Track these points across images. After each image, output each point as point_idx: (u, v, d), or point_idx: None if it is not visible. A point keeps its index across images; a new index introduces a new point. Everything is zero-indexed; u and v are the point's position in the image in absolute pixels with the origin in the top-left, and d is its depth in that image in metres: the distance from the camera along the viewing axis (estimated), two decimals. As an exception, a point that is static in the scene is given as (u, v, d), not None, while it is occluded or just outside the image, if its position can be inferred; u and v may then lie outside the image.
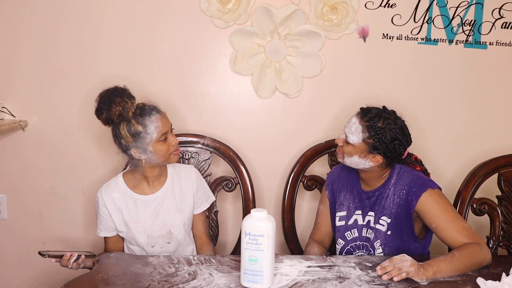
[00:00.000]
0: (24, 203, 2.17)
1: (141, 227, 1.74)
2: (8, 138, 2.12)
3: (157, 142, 1.66)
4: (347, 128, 1.69)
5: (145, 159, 1.68)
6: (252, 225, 1.37)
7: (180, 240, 1.79)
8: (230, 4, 2.05)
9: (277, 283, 1.42)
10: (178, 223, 1.78)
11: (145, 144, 1.65)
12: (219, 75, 2.15)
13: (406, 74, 2.17)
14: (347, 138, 1.68)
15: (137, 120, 1.64)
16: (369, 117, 1.66)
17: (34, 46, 2.08)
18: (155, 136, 1.65)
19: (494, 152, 2.08)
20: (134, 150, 1.67)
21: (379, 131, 1.64)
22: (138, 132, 1.64)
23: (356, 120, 1.67)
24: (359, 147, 1.65)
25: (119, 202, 1.75)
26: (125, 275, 1.47)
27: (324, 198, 1.88)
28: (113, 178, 1.81)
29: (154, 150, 1.66)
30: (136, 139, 1.65)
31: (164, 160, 1.70)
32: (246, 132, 2.18)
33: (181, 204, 1.79)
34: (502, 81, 2.19)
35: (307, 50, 2.11)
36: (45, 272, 2.20)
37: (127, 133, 1.65)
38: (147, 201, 1.76)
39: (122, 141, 1.67)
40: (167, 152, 1.69)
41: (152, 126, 1.65)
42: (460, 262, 1.48)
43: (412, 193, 1.64)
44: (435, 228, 1.60)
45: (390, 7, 2.11)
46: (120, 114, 1.62)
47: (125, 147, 1.68)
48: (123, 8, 2.08)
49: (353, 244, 1.75)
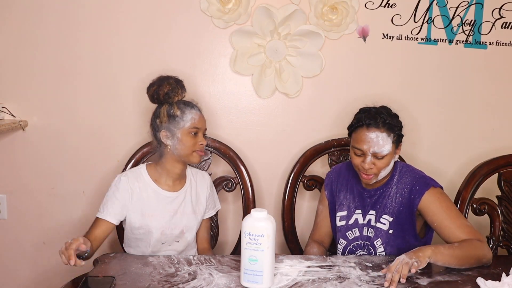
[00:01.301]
0: (24, 203, 2.16)
1: (157, 222, 1.74)
2: (8, 138, 2.12)
3: (187, 132, 1.72)
4: (373, 146, 1.61)
5: (170, 145, 1.72)
6: (252, 225, 1.37)
7: (189, 241, 1.81)
8: (230, 4, 2.05)
9: (277, 283, 1.42)
10: (192, 225, 1.80)
11: (176, 128, 1.71)
12: (219, 75, 2.15)
13: (406, 74, 2.17)
14: (379, 154, 1.62)
15: (179, 106, 1.73)
16: (381, 120, 1.63)
17: (34, 46, 2.08)
18: (187, 125, 1.71)
19: (494, 152, 2.08)
20: (163, 132, 1.72)
21: (395, 123, 1.66)
22: (175, 115, 1.71)
23: (376, 134, 1.62)
24: (392, 149, 1.65)
25: (142, 193, 1.74)
26: (125, 275, 1.47)
27: (323, 199, 1.88)
28: (135, 167, 1.83)
29: (181, 139, 1.71)
30: (170, 121, 1.71)
31: (187, 154, 1.72)
32: (246, 132, 2.18)
33: (196, 206, 1.82)
34: (502, 81, 2.19)
35: (307, 50, 2.11)
36: (45, 272, 2.19)
37: (165, 113, 1.72)
38: (169, 197, 1.77)
39: (157, 120, 1.73)
40: (192, 147, 1.72)
41: (189, 115, 1.72)
42: (459, 250, 1.50)
43: (415, 192, 1.64)
44: (437, 226, 1.61)
45: (390, 7, 2.11)
46: (167, 93, 1.71)
47: (157, 128, 1.73)
48: (123, 8, 2.08)
49: (355, 244, 1.75)
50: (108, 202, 1.72)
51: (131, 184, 1.74)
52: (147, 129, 1.80)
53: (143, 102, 2.11)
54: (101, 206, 1.73)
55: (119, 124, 2.13)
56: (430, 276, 1.47)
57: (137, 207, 1.73)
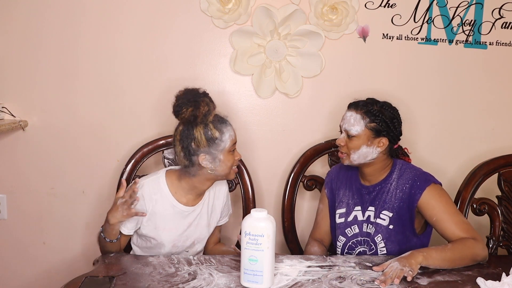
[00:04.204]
0: (24, 203, 2.16)
1: (170, 236, 1.70)
2: (8, 138, 2.12)
3: (228, 152, 1.64)
4: (345, 124, 1.70)
5: (210, 168, 1.63)
6: (252, 225, 1.37)
7: (198, 251, 1.81)
8: (230, 4, 2.05)
9: (277, 283, 1.42)
10: (204, 237, 1.79)
11: (217, 151, 1.62)
12: (219, 75, 2.15)
13: (406, 74, 2.17)
14: (348, 132, 1.69)
15: (215, 126, 1.62)
16: (362, 105, 1.69)
17: (34, 47, 2.08)
18: (228, 145, 1.63)
19: (494, 152, 2.08)
20: (202, 156, 1.62)
21: (378, 113, 1.67)
22: (214, 138, 1.61)
23: (351, 113, 1.70)
24: (364, 134, 1.67)
25: (157, 205, 1.67)
26: (125, 275, 1.47)
27: (323, 197, 1.89)
28: (155, 175, 1.72)
29: (223, 160, 1.63)
30: (210, 144, 1.61)
31: (226, 173, 1.66)
32: (246, 132, 2.17)
33: (210, 218, 1.79)
34: (502, 81, 2.19)
35: (307, 50, 2.11)
36: (45, 272, 2.19)
37: (203, 136, 1.61)
38: (185, 211, 1.71)
39: (192, 144, 1.61)
40: (232, 164, 1.66)
41: (227, 134, 1.64)
42: (451, 252, 1.51)
43: (416, 187, 1.65)
44: (435, 221, 1.62)
45: (390, 7, 2.11)
46: (205, 115, 1.60)
47: (193, 151, 1.62)
48: (123, 8, 2.08)
49: (354, 240, 1.75)
50: None
51: (146, 199, 1.65)
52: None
53: (143, 102, 2.13)
54: None
55: (119, 124, 2.13)
56: (430, 276, 1.47)
57: (151, 219, 1.68)
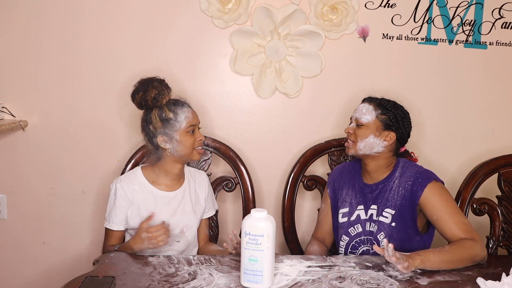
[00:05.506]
0: (24, 203, 2.17)
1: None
2: (8, 138, 2.12)
3: (185, 132, 1.70)
4: (356, 113, 1.75)
5: (170, 149, 1.70)
6: (252, 225, 1.37)
7: (190, 240, 1.81)
8: (230, 4, 2.05)
9: (277, 283, 1.42)
10: (192, 224, 1.81)
11: (173, 131, 1.69)
12: (219, 75, 2.15)
13: (406, 74, 2.17)
14: (359, 121, 1.72)
15: (169, 108, 1.70)
16: (376, 99, 1.75)
17: (34, 47, 2.08)
18: (183, 125, 1.70)
19: (494, 152, 2.08)
20: (160, 138, 1.70)
21: (390, 108, 1.73)
22: (168, 119, 1.69)
23: (365, 104, 1.75)
24: (374, 124, 1.70)
25: (138, 195, 1.74)
26: (125, 275, 1.47)
27: (325, 197, 1.90)
28: (130, 171, 1.82)
29: (180, 140, 1.70)
30: (165, 125, 1.69)
31: (187, 153, 1.72)
32: (246, 132, 2.18)
33: (195, 206, 1.82)
34: (502, 81, 2.19)
35: (307, 50, 2.11)
36: (45, 272, 2.19)
37: (157, 118, 1.69)
38: (166, 197, 1.76)
39: (150, 126, 1.70)
40: (192, 145, 1.72)
41: (183, 115, 1.70)
42: (449, 254, 1.51)
43: (418, 184, 1.66)
44: (436, 220, 1.62)
45: (390, 7, 2.11)
46: (154, 98, 1.68)
47: (152, 134, 1.71)
48: (123, 8, 2.08)
49: (357, 239, 1.75)
50: (111, 212, 1.75)
51: (126, 189, 1.73)
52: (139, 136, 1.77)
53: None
54: (106, 216, 1.76)
55: (119, 124, 2.13)
56: (430, 276, 1.47)
57: (135, 210, 1.74)
